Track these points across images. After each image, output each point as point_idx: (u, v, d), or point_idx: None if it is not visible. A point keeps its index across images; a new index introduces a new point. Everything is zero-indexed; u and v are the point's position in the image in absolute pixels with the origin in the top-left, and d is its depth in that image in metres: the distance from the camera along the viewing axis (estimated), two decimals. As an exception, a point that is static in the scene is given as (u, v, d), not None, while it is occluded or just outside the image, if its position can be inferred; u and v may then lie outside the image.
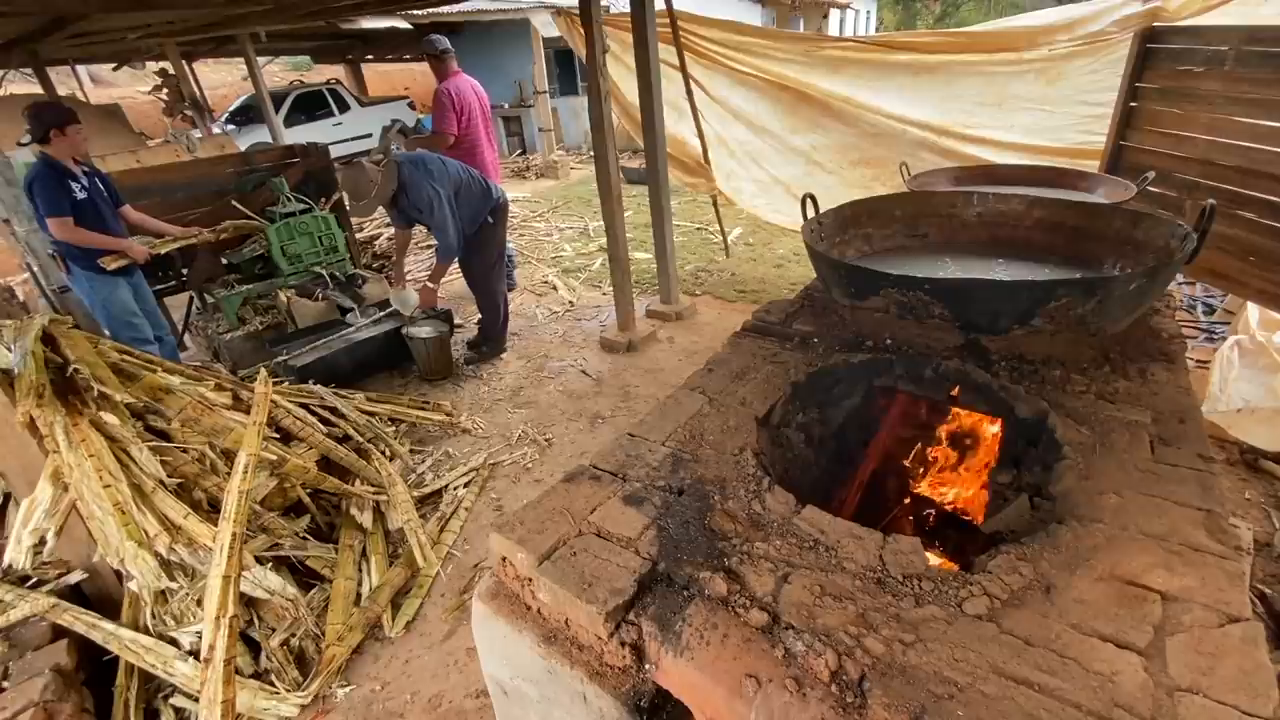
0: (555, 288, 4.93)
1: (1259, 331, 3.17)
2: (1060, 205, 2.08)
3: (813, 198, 1.98)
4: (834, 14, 18.59)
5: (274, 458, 2.18)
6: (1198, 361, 3.35)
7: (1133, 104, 3.16)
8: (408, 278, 3.85)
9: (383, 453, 2.77)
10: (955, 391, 1.58)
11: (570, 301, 4.63)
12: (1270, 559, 2.38)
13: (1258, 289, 2.98)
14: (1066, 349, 1.62)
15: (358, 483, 2.57)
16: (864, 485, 2.00)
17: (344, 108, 10.67)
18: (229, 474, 2.04)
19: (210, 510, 2.10)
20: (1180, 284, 3.99)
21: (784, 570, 1.07)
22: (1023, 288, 1.50)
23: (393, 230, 4.88)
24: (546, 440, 3.03)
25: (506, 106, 10.64)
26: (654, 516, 1.20)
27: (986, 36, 3.36)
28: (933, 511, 2.07)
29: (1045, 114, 3.34)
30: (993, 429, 1.74)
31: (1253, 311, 3.25)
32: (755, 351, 1.78)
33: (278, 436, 2.53)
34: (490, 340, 3.97)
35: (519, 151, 11.06)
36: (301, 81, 11.63)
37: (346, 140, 10.20)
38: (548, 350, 3.95)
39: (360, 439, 2.77)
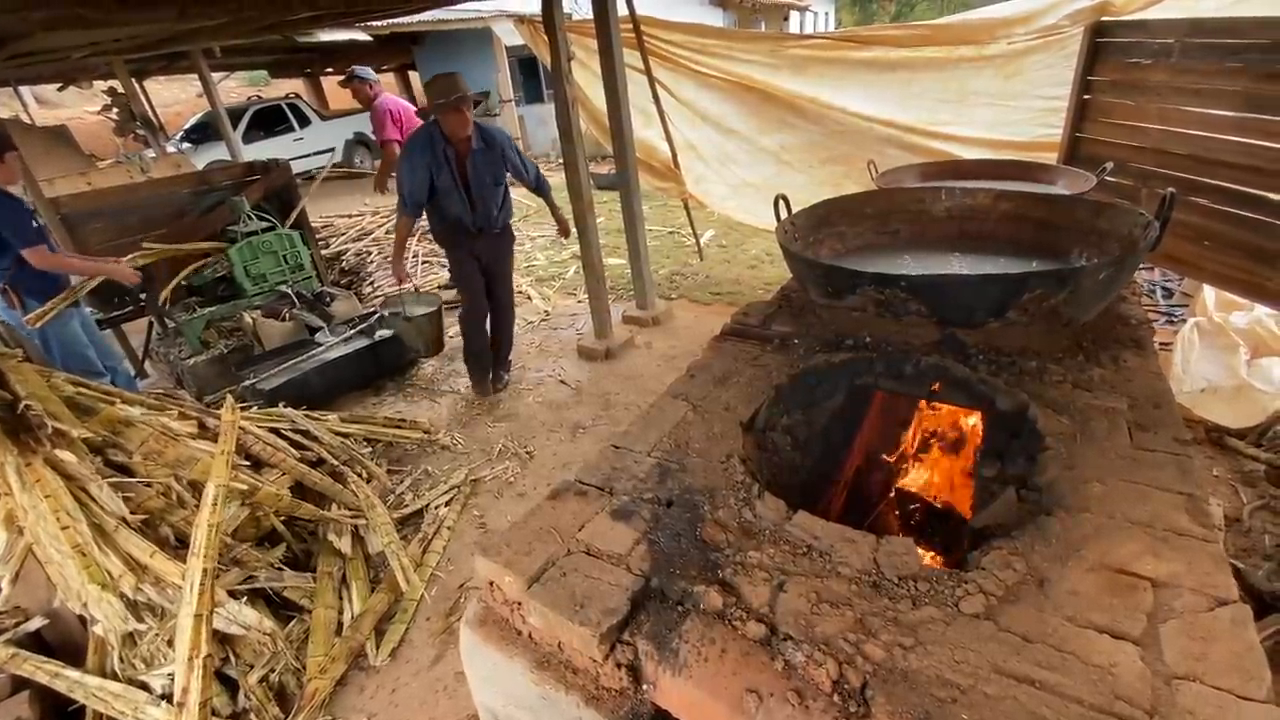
0: (530, 297, 4.88)
1: (1216, 313, 3.28)
2: (1025, 198, 2.12)
3: (785, 199, 1.98)
4: (794, 16, 18.87)
5: (244, 487, 2.09)
6: (1161, 344, 3.45)
7: (1086, 97, 3.24)
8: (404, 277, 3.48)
9: (359, 475, 2.70)
10: (936, 387, 1.58)
11: (546, 311, 4.59)
12: (1240, 534, 2.45)
13: (1213, 272, 3.07)
14: (1041, 339, 1.64)
15: (334, 508, 2.49)
16: (850, 483, 2.01)
17: (304, 122, 10.47)
18: (197, 507, 1.96)
19: (179, 546, 2.01)
20: (1140, 269, 4.11)
21: (779, 579, 1.05)
22: (996, 282, 1.51)
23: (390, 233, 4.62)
24: (528, 453, 2.98)
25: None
26: (644, 530, 1.17)
27: (947, 29, 3.42)
28: (919, 505, 2.09)
29: (1003, 109, 3.41)
30: (974, 421, 1.76)
31: (1209, 294, 3.36)
32: (736, 355, 1.77)
33: (248, 464, 2.44)
34: (506, 366, 3.77)
35: (486, 161, 10.96)
36: (259, 97, 11.37)
37: (308, 155, 9.99)
38: (525, 361, 3.90)
39: (335, 462, 2.69)
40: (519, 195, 5.49)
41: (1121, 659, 0.88)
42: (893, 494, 2.11)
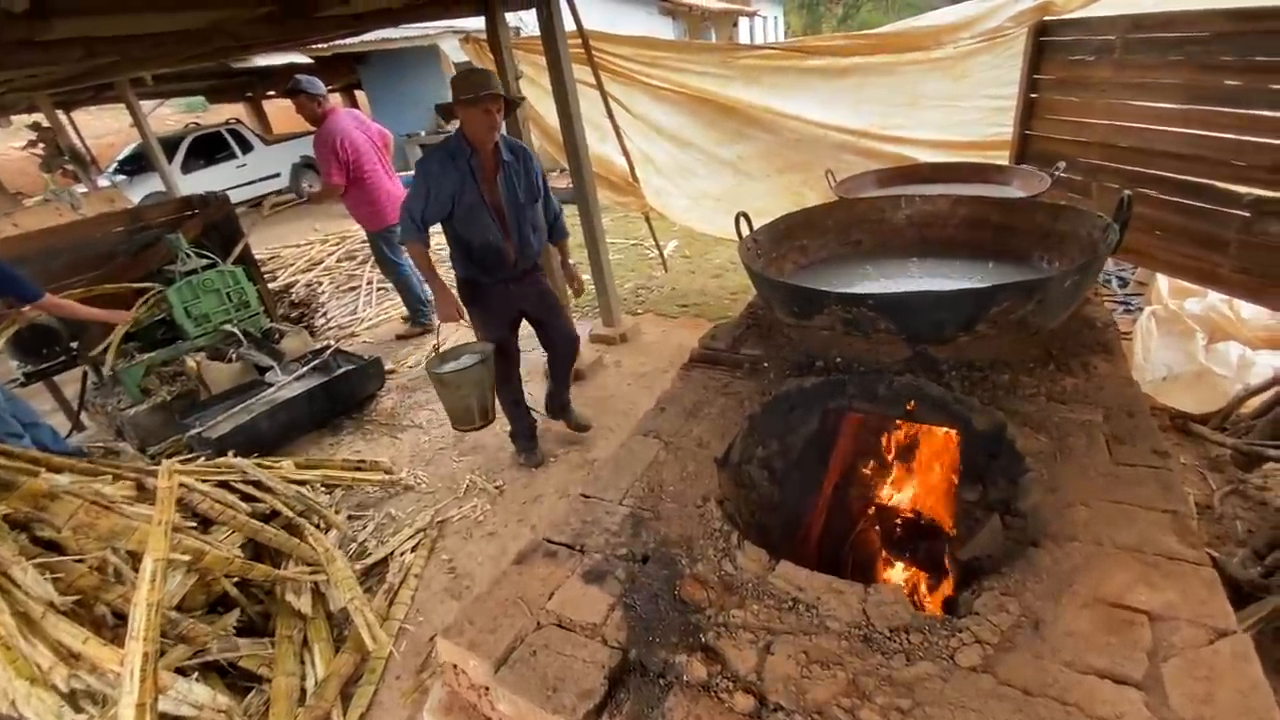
0: (492, 320, 4.74)
1: (1170, 300, 3.35)
2: (984, 203, 2.11)
3: (746, 216, 1.93)
4: (743, 22, 19.10)
5: (188, 558, 1.94)
6: (1121, 334, 3.52)
7: (1033, 95, 3.29)
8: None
9: (317, 525, 2.55)
10: (911, 407, 1.54)
11: (510, 333, 4.46)
12: (1213, 521, 2.48)
13: (1165, 261, 3.13)
14: (1011, 350, 1.61)
15: (291, 564, 2.34)
16: (830, 503, 1.96)
17: (247, 148, 10.08)
18: (137, 580, 1.80)
19: (119, 624, 1.85)
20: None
21: (765, 639, 0.98)
22: (964, 297, 1.48)
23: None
24: (498, 488, 2.86)
25: (424, 134, 10.33)
26: (619, 594, 1.09)
27: (894, 37, 3.45)
28: (899, 520, 2.05)
29: (954, 110, 3.45)
30: (951, 437, 1.72)
31: (1162, 282, 3.44)
32: (706, 384, 1.71)
33: (195, 524, 2.28)
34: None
35: (442, 179, 10.74)
36: (197, 124, 10.93)
37: (253, 182, 9.64)
38: (490, 388, 3.77)
39: (290, 514, 2.53)
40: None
41: (1127, 708, 0.83)
42: (872, 510, 2.08)
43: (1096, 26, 2.89)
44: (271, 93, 11.83)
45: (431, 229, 2.57)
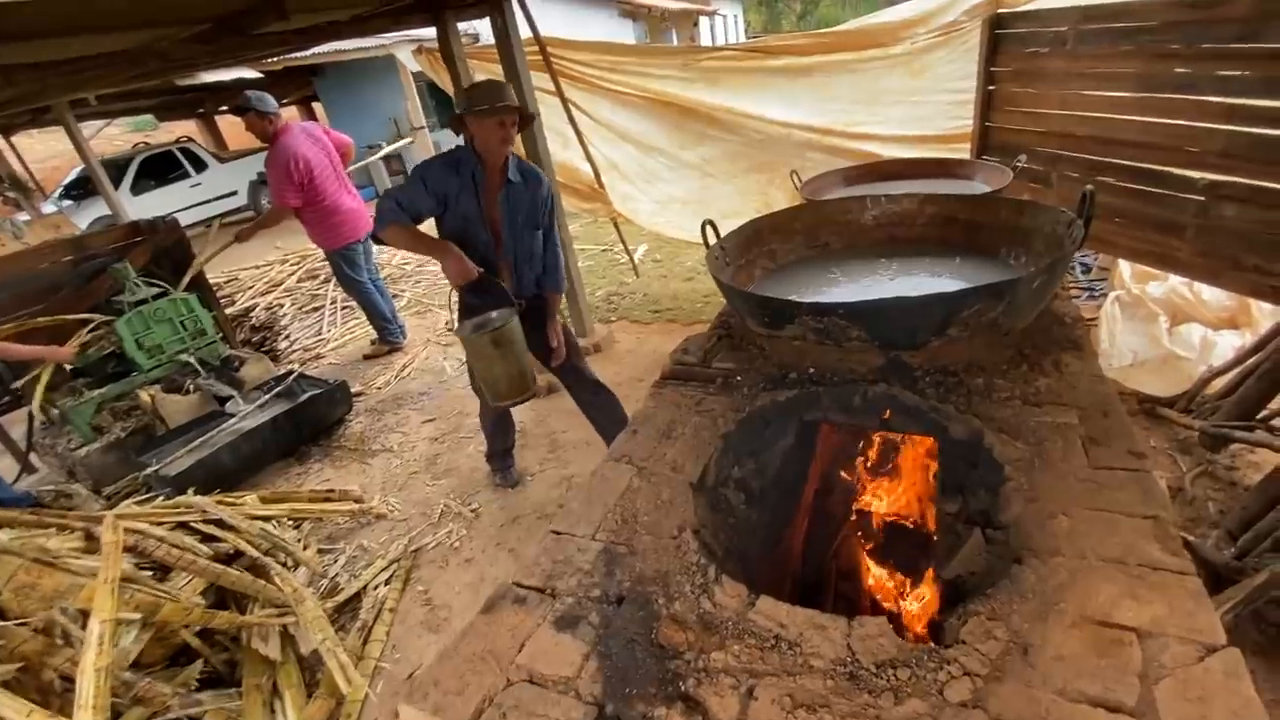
0: (462, 335, 4.63)
1: (1133, 285, 3.40)
2: (950, 200, 2.11)
3: (712, 224, 1.90)
4: (703, 21, 19.14)
5: (138, 616, 1.83)
6: (1087, 321, 3.57)
7: (991, 88, 3.31)
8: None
9: (284, 564, 2.44)
10: (888, 415, 1.51)
11: (480, 348, 4.36)
12: (1185, 503, 2.51)
13: (1126, 246, 3.17)
14: (984, 352, 1.59)
15: (258, 607, 2.23)
16: (811, 512, 1.92)
17: (201, 166, 9.75)
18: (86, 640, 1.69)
19: (68, 689, 1.73)
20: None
21: (748, 683, 0.93)
22: (934, 302, 1.46)
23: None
24: (473, 512, 2.78)
25: (384, 145, 10.12)
26: (593, 641, 1.03)
27: (853, 35, 3.45)
28: (881, 525, 2.03)
29: (915, 105, 3.46)
30: (927, 444, 1.70)
31: (1125, 267, 3.50)
32: (679, 402, 1.66)
33: (152, 572, 2.16)
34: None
35: (406, 190, 10.51)
36: (146, 143, 10.53)
37: (209, 201, 9.34)
38: (462, 406, 3.67)
39: (255, 553, 2.42)
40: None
41: (1123, 738, 0.80)
42: (854, 515, 2.06)
43: (1048, 18, 2.91)
44: (224, 109, 11.49)
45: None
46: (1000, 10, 3.13)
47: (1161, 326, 3.11)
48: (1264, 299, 2.78)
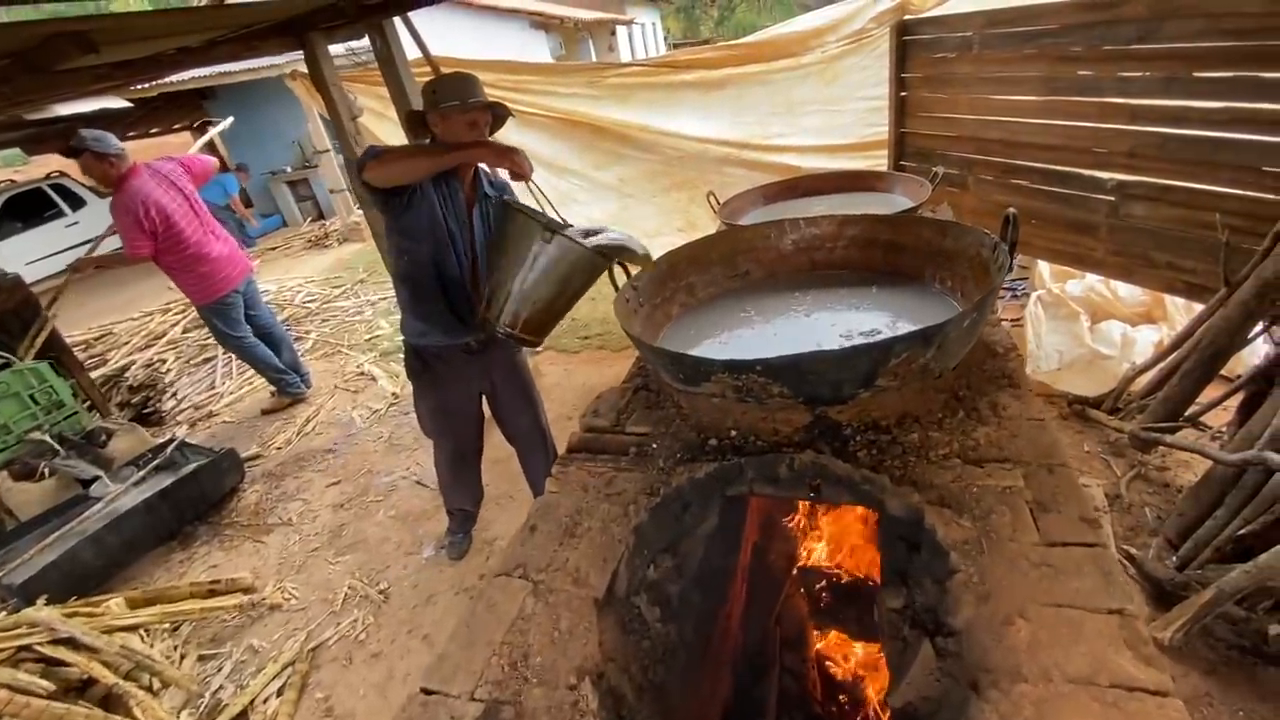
0: (374, 378, 4.26)
1: (1052, 284, 3.41)
2: (870, 222, 1.98)
3: (622, 264, 1.69)
4: (621, 31, 19.03)
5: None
6: (1011, 321, 3.56)
7: (903, 94, 3.26)
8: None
9: (149, 688, 2.07)
10: (818, 487, 1.34)
11: (394, 393, 4.00)
12: (1123, 511, 2.47)
13: (1043, 247, 3.17)
14: (917, 400, 1.44)
15: (112, 753, 1.87)
16: (749, 590, 1.74)
17: (78, 204, 8.81)
18: None
19: None
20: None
21: None
22: (859, 353, 1.29)
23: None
24: (382, 594, 2.45)
25: (289, 170, 9.48)
26: None
27: (763, 46, 3.34)
28: (824, 584, 1.88)
29: (831, 114, 3.37)
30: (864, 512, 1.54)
31: (1044, 267, 3.51)
32: (586, 484, 1.43)
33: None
34: None
35: (314, 218, 9.89)
36: (12, 181, 9.44)
37: (88, 241, 8.44)
38: (372, 464, 3.32)
39: (113, 678, 2.04)
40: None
41: None
42: (796, 571, 1.89)
43: (954, 24, 2.86)
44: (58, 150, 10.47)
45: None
46: (907, 17, 3.07)
47: (1083, 325, 3.11)
48: (1177, 294, 2.81)
